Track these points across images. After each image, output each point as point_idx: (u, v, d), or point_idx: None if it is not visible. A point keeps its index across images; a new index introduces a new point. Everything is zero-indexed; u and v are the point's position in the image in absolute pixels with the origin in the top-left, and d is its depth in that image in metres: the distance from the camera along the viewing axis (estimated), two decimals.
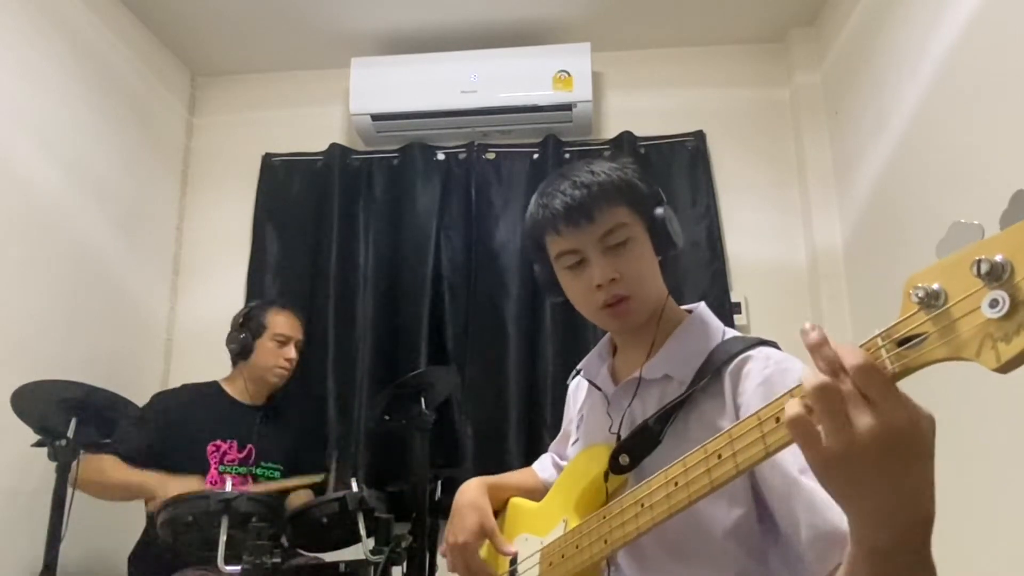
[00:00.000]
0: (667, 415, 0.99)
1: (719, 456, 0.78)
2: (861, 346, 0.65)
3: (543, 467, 1.41)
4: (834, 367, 0.62)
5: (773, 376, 0.94)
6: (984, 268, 0.56)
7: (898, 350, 0.64)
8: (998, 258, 0.56)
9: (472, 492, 1.25)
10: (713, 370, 1.00)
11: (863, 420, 0.60)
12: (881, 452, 0.59)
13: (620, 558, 1.03)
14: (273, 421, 2.36)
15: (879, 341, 0.65)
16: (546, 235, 1.08)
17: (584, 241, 1.05)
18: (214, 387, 2.37)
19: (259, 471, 2.26)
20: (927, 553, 0.65)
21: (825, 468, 0.63)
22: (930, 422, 0.63)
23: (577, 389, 1.31)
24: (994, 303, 0.56)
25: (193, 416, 2.23)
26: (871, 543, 0.65)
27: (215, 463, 2.19)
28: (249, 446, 2.26)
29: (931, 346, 0.62)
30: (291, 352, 2.34)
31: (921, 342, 0.62)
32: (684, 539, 0.97)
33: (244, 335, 2.32)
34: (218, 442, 2.22)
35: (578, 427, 1.23)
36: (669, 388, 1.05)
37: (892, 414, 0.60)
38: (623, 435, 1.03)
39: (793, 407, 0.64)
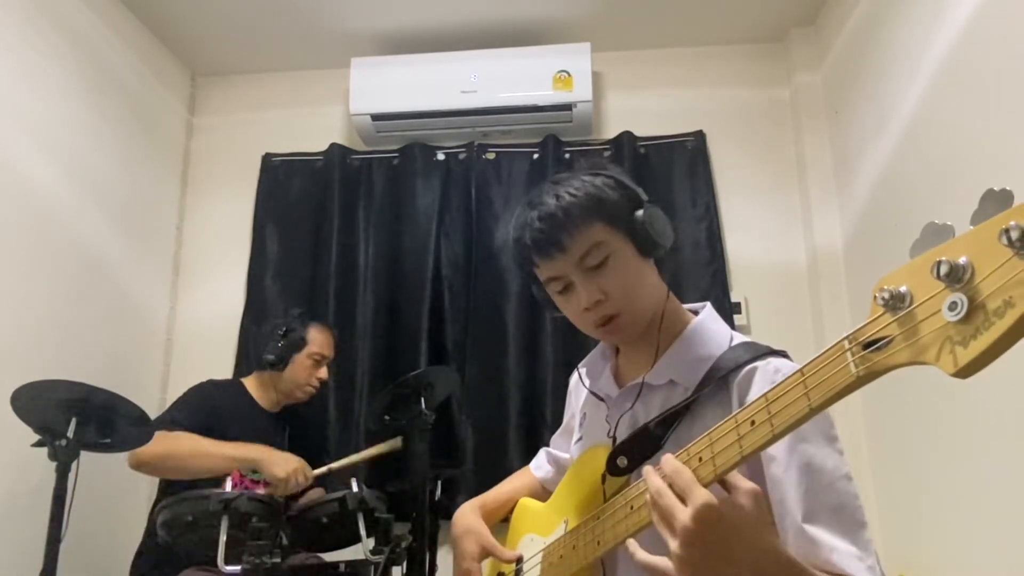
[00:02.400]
0: (670, 420, 0.98)
1: (700, 459, 0.79)
2: (827, 350, 0.68)
3: (538, 465, 1.41)
4: (655, 488, 0.78)
5: None
6: (944, 270, 0.56)
7: (863, 353, 0.63)
8: (961, 260, 0.55)
9: (466, 518, 1.27)
10: (719, 377, 0.98)
11: (682, 515, 0.74)
12: (700, 536, 0.73)
13: (617, 559, 1.02)
14: (289, 430, 2.35)
15: (845, 344, 0.65)
16: (525, 264, 1.08)
17: (564, 268, 1.03)
18: (239, 387, 2.34)
19: None
20: None
21: (680, 565, 0.75)
22: (752, 500, 0.76)
23: (578, 385, 1.29)
24: (953, 306, 0.55)
25: (225, 413, 2.21)
26: None
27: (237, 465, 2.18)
28: None
29: (895, 349, 0.61)
30: (324, 372, 2.34)
31: (886, 345, 0.62)
32: None
33: (283, 346, 2.27)
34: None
35: (581, 425, 1.22)
36: (674, 394, 1.03)
37: (695, 502, 0.74)
38: (619, 438, 1.03)
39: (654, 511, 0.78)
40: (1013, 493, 1.65)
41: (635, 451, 0.98)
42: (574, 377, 1.34)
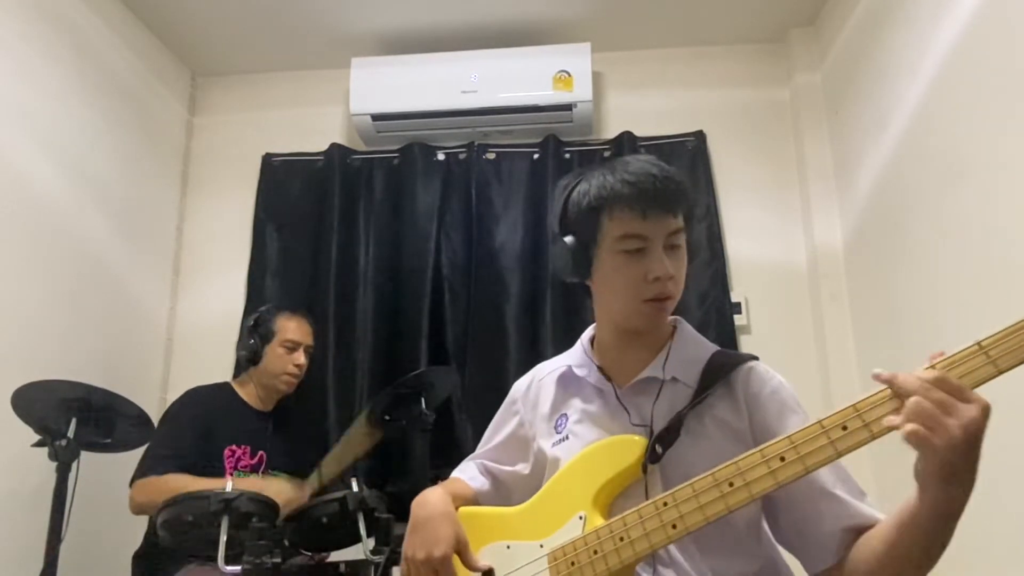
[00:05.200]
0: (686, 410, 1.06)
1: (782, 459, 0.89)
2: (1011, 326, 0.79)
3: (471, 477, 1.30)
4: (919, 386, 0.79)
5: (779, 388, 1.09)
6: None
7: None
8: None
9: (441, 502, 1.15)
10: (723, 376, 1.09)
11: (968, 412, 0.77)
12: (982, 429, 0.78)
13: (669, 548, 1.02)
14: (282, 428, 2.35)
15: None
16: (618, 211, 1.06)
17: (656, 231, 1.06)
18: (228, 390, 2.34)
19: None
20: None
21: (949, 463, 0.78)
22: None
23: (537, 391, 1.27)
24: None
25: (217, 419, 2.21)
26: (949, 509, 0.83)
27: (229, 468, 2.18)
28: (260, 452, 2.24)
29: None
30: (300, 358, 2.32)
31: None
32: (711, 532, 0.97)
33: (253, 341, 2.29)
34: (233, 447, 2.20)
35: (559, 426, 1.18)
36: (677, 390, 1.10)
37: (979, 398, 0.78)
38: (652, 428, 1.07)
39: (909, 425, 0.79)
40: (1015, 492, 1.65)
41: (665, 440, 1.04)
42: (520, 387, 1.31)
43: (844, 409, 0.87)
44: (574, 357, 1.23)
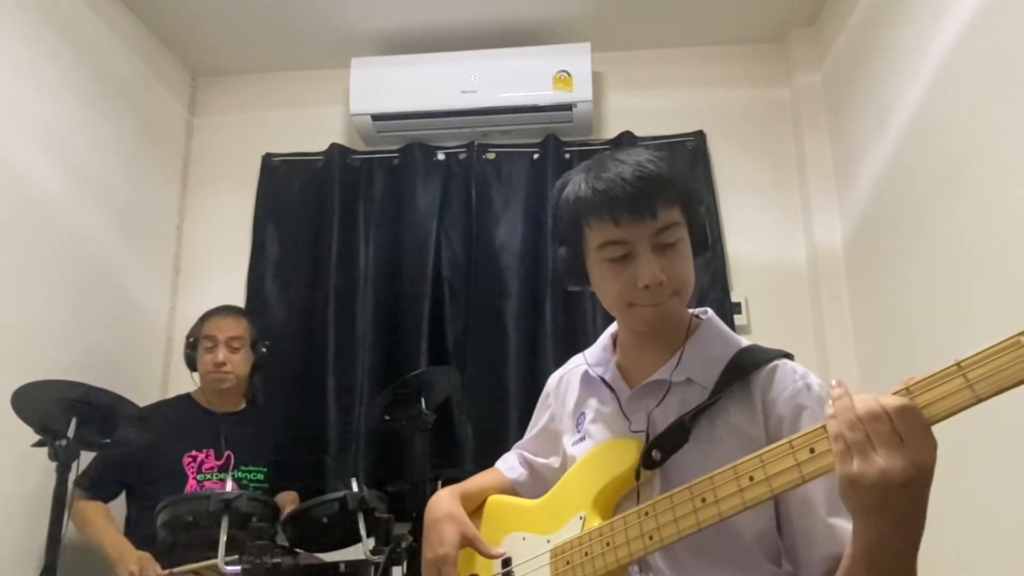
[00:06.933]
0: (695, 416, 1.00)
1: (751, 478, 0.83)
2: (995, 345, 0.68)
3: (511, 466, 1.35)
4: (865, 410, 0.71)
5: (801, 391, 0.99)
6: None
7: None
8: None
9: (445, 503, 1.20)
10: (741, 377, 1.01)
11: (893, 460, 0.69)
12: (907, 485, 0.70)
13: (656, 558, 1.00)
14: (250, 424, 2.35)
15: (1022, 339, 0.66)
16: (593, 220, 1.01)
17: (638, 235, 0.99)
18: (185, 399, 2.36)
19: (240, 475, 2.25)
20: (914, 555, 0.76)
21: (852, 486, 0.72)
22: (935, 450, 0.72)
23: (566, 386, 1.27)
24: None
25: (163, 433, 2.18)
26: (873, 553, 0.75)
27: (192, 474, 2.19)
28: (227, 452, 2.25)
29: None
30: (219, 355, 2.28)
31: None
32: (714, 543, 0.95)
33: (188, 349, 2.36)
34: (193, 452, 2.21)
35: (579, 424, 1.19)
36: (690, 391, 1.04)
37: (922, 453, 0.70)
38: (651, 432, 1.03)
39: (833, 426, 0.73)
40: (1014, 493, 1.65)
41: (666, 445, 0.99)
42: (553, 381, 1.33)
43: (815, 428, 0.79)
44: (594, 354, 1.21)
